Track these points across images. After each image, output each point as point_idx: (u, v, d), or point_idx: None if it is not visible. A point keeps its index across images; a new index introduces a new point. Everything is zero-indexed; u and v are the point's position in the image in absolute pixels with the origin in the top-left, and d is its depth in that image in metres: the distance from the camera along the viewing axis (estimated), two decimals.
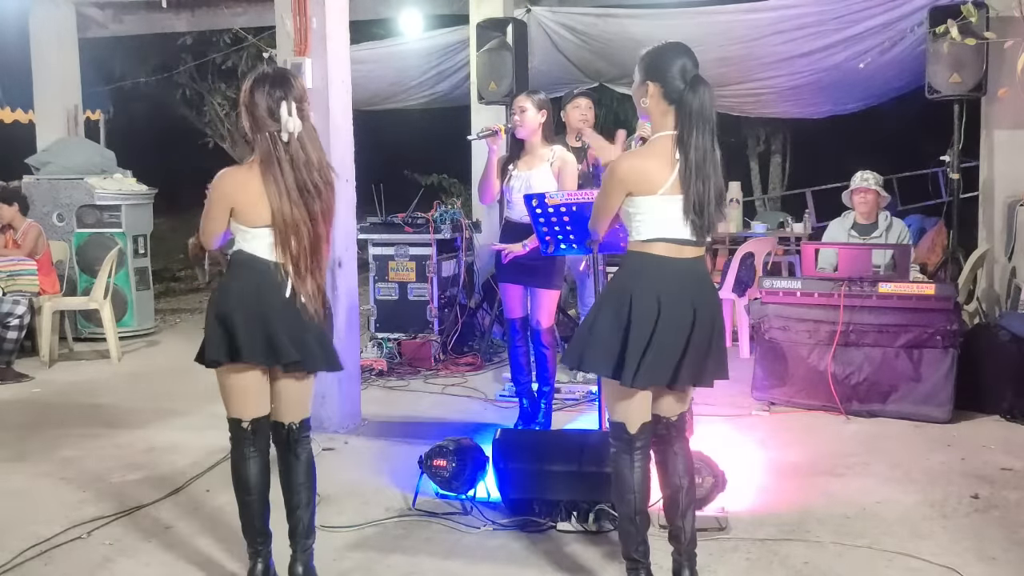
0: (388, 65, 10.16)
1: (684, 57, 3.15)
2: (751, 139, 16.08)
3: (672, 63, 3.13)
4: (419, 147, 15.68)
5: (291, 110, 3.21)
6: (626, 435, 3.23)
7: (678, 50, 3.18)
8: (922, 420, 5.51)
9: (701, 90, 3.07)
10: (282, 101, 3.22)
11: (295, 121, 3.22)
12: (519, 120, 5.20)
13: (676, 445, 3.33)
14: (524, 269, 5.21)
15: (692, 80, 3.08)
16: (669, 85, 3.12)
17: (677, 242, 3.14)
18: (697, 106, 3.06)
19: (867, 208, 6.49)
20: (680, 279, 3.15)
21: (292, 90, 3.25)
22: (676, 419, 3.34)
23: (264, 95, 3.23)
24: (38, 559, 3.80)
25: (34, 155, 9.00)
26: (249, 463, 3.38)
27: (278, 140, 3.22)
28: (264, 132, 3.23)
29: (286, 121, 3.21)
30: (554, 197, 4.43)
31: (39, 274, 7.50)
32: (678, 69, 3.11)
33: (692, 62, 3.14)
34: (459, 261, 7.79)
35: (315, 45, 5.39)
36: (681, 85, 3.09)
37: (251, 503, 3.39)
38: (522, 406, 5.49)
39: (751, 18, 8.25)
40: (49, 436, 5.53)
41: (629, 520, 3.26)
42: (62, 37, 9.62)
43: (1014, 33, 6.21)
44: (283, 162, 3.22)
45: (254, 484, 3.38)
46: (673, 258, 3.15)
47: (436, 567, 3.70)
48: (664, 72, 3.13)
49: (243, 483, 3.39)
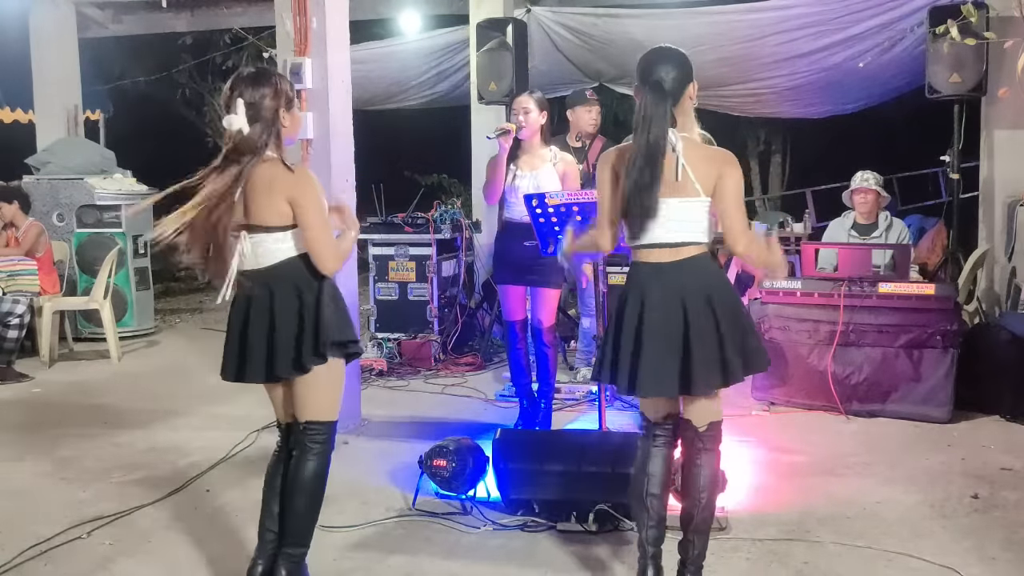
0: (388, 65, 10.15)
1: (664, 63, 3.18)
2: (751, 139, 16.08)
3: (648, 68, 3.17)
4: (419, 147, 15.68)
5: (235, 108, 3.15)
6: (646, 421, 3.33)
7: (661, 55, 3.23)
8: (922, 420, 5.51)
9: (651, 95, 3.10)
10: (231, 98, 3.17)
11: (237, 119, 3.14)
12: (523, 121, 5.20)
13: (702, 457, 3.25)
14: (525, 268, 5.20)
15: (653, 83, 3.12)
16: (640, 87, 3.18)
17: (648, 246, 3.16)
18: (642, 107, 3.09)
19: (867, 208, 6.50)
20: (663, 281, 3.14)
21: (245, 90, 3.17)
22: (704, 428, 3.25)
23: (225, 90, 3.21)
24: (38, 559, 3.80)
25: (34, 155, 9.01)
26: (274, 460, 3.42)
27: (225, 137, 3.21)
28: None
29: (227, 118, 3.17)
30: (554, 197, 4.44)
31: (40, 273, 7.51)
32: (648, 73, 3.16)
33: (673, 66, 3.17)
34: (459, 261, 7.79)
35: (315, 45, 5.39)
36: (642, 86, 3.15)
37: (263, 498, 3.39)
38: (522, 406, 5.49)
39: (751, 18, 8.25)
40: (49, 436, 5.53)
41: (638, 500, 3.27)
42: (62, 37, 9.63)
43: (1014, 33, 6.22)
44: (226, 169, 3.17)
45: (267, 480, 3.39)
46: (653, 262, 3.16)
47: (436, 567, 3.69)
48: (640, 74, 3.19)
49: (265, 477, 3.41)
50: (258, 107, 3.17)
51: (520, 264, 5.20)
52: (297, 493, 3.27)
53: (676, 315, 3.11)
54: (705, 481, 3.24)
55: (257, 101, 3.17)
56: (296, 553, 3.30)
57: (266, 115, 3.18)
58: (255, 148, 3.16)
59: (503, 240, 5.38)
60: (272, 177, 3.17)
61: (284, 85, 3.26)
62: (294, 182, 3.16)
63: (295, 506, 3.28)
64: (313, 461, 3.28)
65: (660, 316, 3.12)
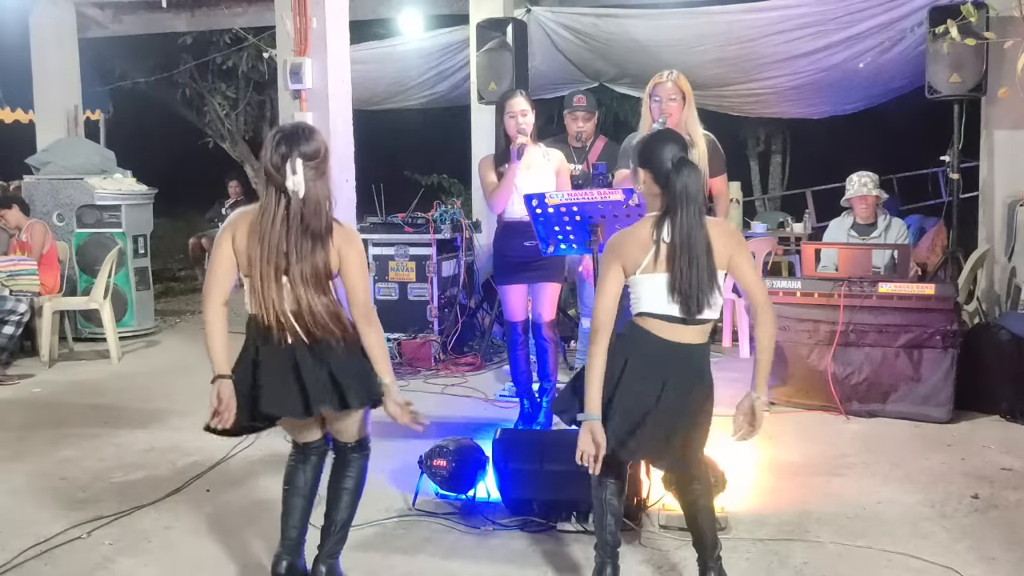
0: (388, 65, 10.16)
1: (671, 143, 3.25)
2: (751, 139, 16.08)
3: (660, 149, 3.22)
4: (419, 147, 15.69)
5: (295, 168, 3.13)
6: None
7: (665, 137, 3.34)
8: (922, 420, 5.51)
9: (685, 171, 3.15)
10: (287, 159, 3.14)
11: (298, 180, 3.13)
12: (524, 125, 5.19)
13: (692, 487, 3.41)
14: (525, 266, 5.20)
15: (677, 162, 3.17)
16: (657, 170, 3.21)
17: (664, 318, 3.18)
18: (681, 186, 3.13)
19: (868, 212, 6.52)
20: (659, 355, 3.20)
21: (298, 147, 3.16)
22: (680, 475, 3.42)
23: (271, 149, 3.17)
24: (38, 559, 3.80)
25: (34, 155, 9.00)
26: (297, 468, 3.47)
27: (278, 195, 3.17)
28: (265, 185, 3.19)
29: (290, 179, 3.13)
30: (554, 197, 4.44)
31: (43, 270, 7.51)
32: (666, 154, 3.20)
33: (680, 147, 3.25)
34: (459, 261, 7.79)
35: (315, 45, 5.40)
36: (668, 167, 3.18)
37: (286, 499, 3.45)
38: (522, 406, 5.49)
39: (751, 18, 8.25)
40: (49, 436, 5.53)
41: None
42: (62, 37, 9.62)
43: (1014, 33, 6.21)
44: (277, 218, 3.15)
45: (294, 483, 3.46)
46: (658, 337, 3.19)
47: (436, 567, 3.70)
48: (652, 158, 3.23)
49: (288, 479, 3.48)
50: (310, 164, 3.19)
51: (521, 263, 5.21)
52: (345, 494, 3.46)
53: (655, 386, 3.20)
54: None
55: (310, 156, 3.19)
56: (338, 551, 3.48)
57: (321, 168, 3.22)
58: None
59: (502, 240, 5.38)
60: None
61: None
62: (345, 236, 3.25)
63: (343, 511, 3.46)
64: (355, 468, 3.48)
65: (639, 383, 3.20)
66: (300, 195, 3.13)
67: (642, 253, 3.18)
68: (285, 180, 3.13)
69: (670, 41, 8.53)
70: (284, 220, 3.15)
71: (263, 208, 3.18)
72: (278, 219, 3.15)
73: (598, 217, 4.35)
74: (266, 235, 3.15)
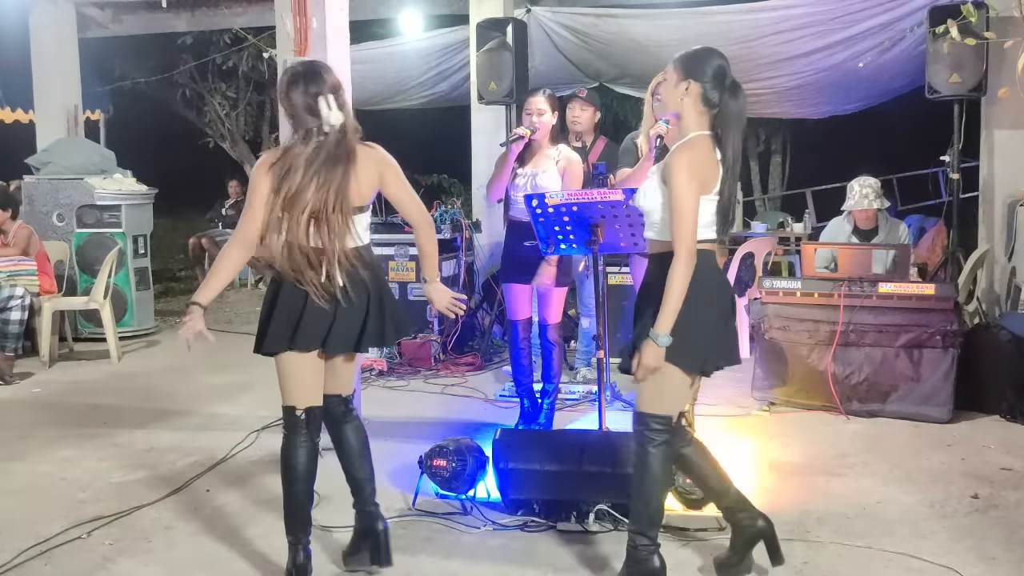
0: (388, 65, 10.16)
1: (722, 60, 3.26)
2: (751, 139, 16.09)
3: (711, 65, 3.22)
4: (419, 147, 15.68)
5: (329, 104, 3.27)
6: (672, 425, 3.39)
7: (716, 53, 3.30)
8: (922, 420, 5.51)
9: (741, 96, 3.19)
10: (319, 96, 3.27)
11: (336, 114, 3.28)
12: (537, 123, 5.18)
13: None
14: (532, 267, 5.18)
15: (732, 85, 3.20)
16: (709, 86, 3.20)
17: (713, 242, 3.29)
18: (736, 110, 3.17)
19: (868, 222, 6.50)
20: (716, 276, 3.37)
21: (325, 84, 3.30)
22: None
23: (300, 93, 3.28)
24: (38, 559, 3.80)
25: (34, 155, 8.99)
26: (299, 451, 3.43)
27: (313, 133, 3.29)
28: (304, 128, 3.30)
29: (327, 115, 3.27)
30: (554, 197, 4.44)
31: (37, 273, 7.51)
32: (717, 71, 3.21)
33: (728, 66, 3.25)
34: (459, 261, 7.79)
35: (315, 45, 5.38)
36: (720, 88, 3.19)
37: (298, 493, 3.43)
38: (523, 406, 5.49)
39: (751, 18, 8.25)
40: (49, 436, 5.53)
41: None
42: (62, 37, 9.62)
43: (1014, 33, 6.21)
44: (320, 151, 3.27)
45: (302, 472, 3.43)
46: (713, 256, 3.31)
47: (436, 567, 3.70)
48: (705, 73, 3.22)
49: (291, 470, 3.43)
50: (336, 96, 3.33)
51: (527, 263, 5.18)
52: (365, 459, 3.57)
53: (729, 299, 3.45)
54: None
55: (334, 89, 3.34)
56: (374, 497, 3.60)
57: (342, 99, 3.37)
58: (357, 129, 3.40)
59: (509, 239, 5.38)
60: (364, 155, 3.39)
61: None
62: (381, 157, 3.44)
63: (366, 465, 3.57)
64: (358, 429, 3.59)
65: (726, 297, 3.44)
66: (337, 127, 3.26)
67: (713, 175, 3.19)
68: (321, 117, 3.25)
69: (670, 41, 8.51)
70: (321, 153, 3.26)
71: (298, 147, 3.27)
72: (321, 152, 3.25)
73: (598, 217, 4.35)
74: (310, 169, 3.24)
